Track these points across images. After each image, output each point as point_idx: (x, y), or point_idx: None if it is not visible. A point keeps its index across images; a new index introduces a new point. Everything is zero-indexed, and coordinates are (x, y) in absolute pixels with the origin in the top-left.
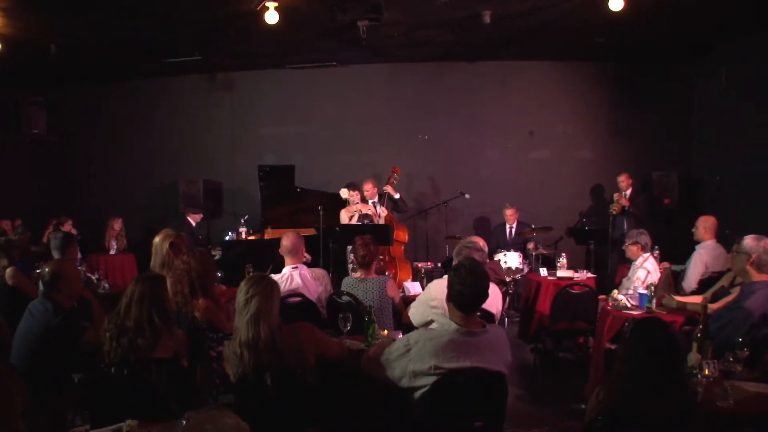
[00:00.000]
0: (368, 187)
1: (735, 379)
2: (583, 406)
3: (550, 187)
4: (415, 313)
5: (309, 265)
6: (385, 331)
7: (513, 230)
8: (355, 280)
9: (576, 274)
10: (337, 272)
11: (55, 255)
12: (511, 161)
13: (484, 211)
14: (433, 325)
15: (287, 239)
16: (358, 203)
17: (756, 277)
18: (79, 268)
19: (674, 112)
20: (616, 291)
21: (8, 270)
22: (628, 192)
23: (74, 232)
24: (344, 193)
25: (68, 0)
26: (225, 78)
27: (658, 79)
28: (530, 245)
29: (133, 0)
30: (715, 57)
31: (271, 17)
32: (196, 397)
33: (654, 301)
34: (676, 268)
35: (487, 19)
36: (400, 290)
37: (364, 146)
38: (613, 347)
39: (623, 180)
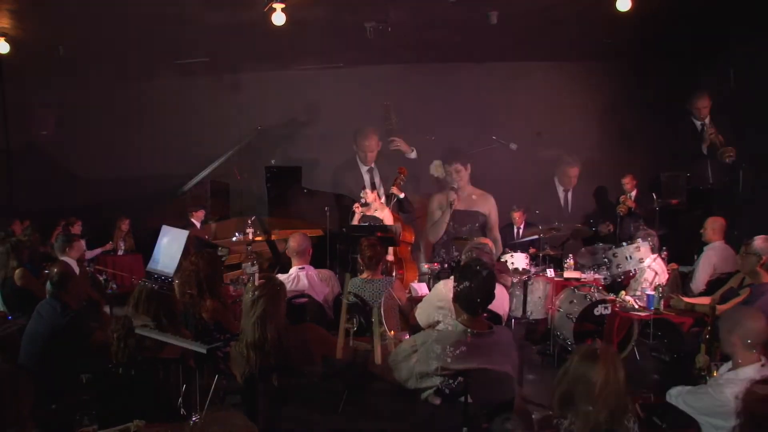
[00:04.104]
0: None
1: None
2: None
3: (558, 187)
4: (421, 314)
5: (315, 266)
6: (392, 332)
7: (520, 231)
8: (361, 281)
9: (583, 275)
10: (344, 273)
11: (59, 256)
12: (519, 162)
13: None
14: (440, 326)
15: (294, 240)
16: (370, 204)
17: (766, 278)
18: (87, 268)
19: (682, 112)
20: (623, 292)
21: (17, 271)
22: (633, 194)
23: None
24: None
25: (75, 1)
26: (232, 79)
27: (667, 79)
28: (532, 250)
29: (141, 1)
30: (723, 57)
31: (278, 18)
32: (203, 397)
33: (662, 302)
34: (684, 269)
35: (494, 19)
36: (407, 291)
37: None
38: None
39: (627, 182)
